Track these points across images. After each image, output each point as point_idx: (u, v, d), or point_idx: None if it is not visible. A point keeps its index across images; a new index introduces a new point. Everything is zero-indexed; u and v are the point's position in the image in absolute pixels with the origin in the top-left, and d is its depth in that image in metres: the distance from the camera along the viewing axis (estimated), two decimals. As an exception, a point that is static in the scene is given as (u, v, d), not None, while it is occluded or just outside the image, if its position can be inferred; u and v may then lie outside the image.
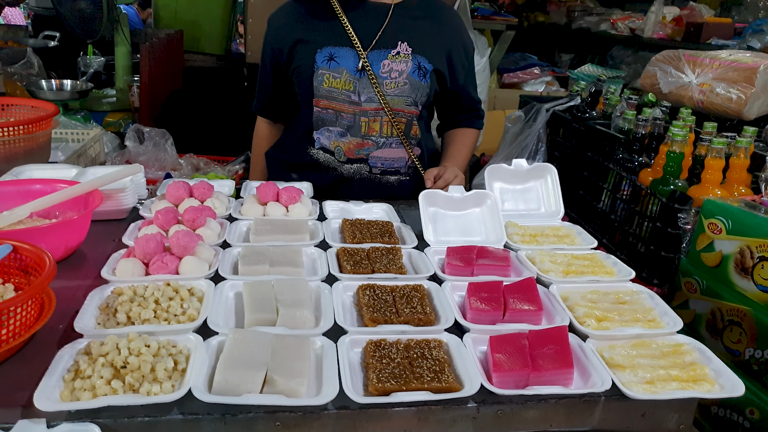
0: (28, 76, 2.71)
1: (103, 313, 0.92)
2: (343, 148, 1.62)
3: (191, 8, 3.67)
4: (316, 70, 1.57)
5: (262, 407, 0.77)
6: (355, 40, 1.56)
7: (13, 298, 0.82)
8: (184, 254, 1.03)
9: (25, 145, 1.61)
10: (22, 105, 1.77)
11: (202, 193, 1.31)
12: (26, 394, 0.78)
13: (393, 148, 1.63)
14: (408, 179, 1.68)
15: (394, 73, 1.57)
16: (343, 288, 1.02)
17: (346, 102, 1.58)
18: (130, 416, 0.75)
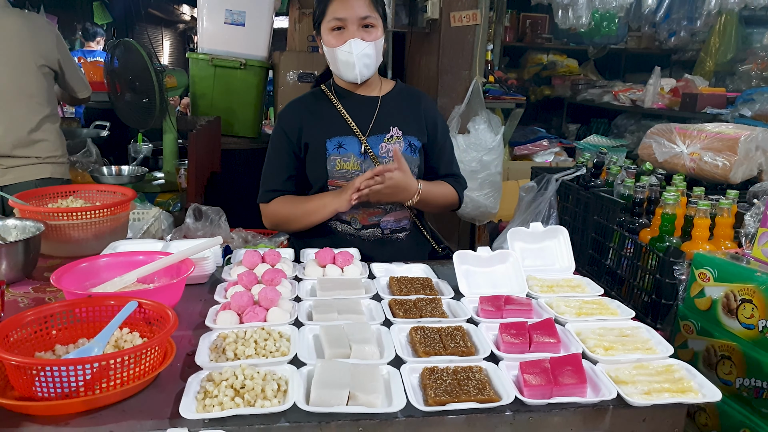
0: (88, 164, 3.11)
1: (214, 352, 1.20)
2: (358, 218, 1.95)
3: (226, 97, 4.14)
4: (328, 156, 1.92)
5: (349, 415, 1.03)
6: (355, 129, 1.93)
7: (152, 340, 1.10)
8: (270, 306, 1.32)
9: (111, 225, 1.94)
10: (105, 191, 2.12)
11: (273, 259, 1.61)
12: (168, 410, 1.05)
13: (397, 211, 1.98)
14: (410, 233, 2.04)
15: (391, 152, 1.92)
16: (398, 329, 1.29)
17: None
18: (249, 424, 1.01)
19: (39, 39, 2.60)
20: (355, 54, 1.79)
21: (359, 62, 1.80)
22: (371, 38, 1.81)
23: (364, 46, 1.79)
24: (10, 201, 1.89)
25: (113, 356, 1.05)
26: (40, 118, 2.63)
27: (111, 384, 1.05)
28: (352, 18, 1.78)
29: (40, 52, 2.61)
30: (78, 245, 1.87)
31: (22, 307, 1.50)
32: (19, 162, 2.61)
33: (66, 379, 1.01)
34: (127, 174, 2.99)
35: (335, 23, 1.80)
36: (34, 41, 2.59)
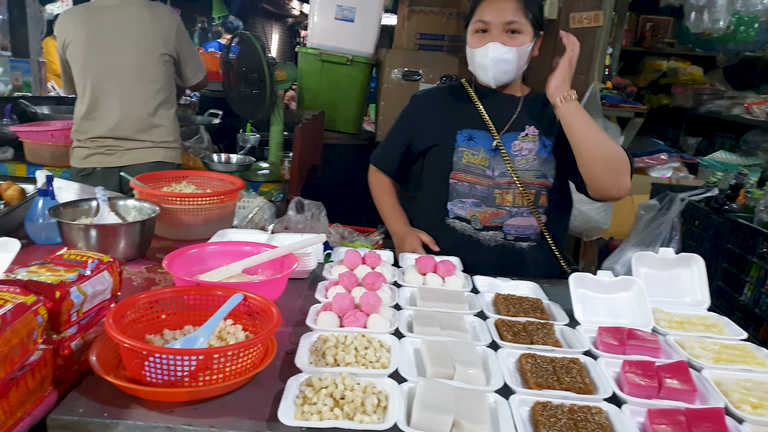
0: (199, 150, 3.25)
1: (314, 354, 1.17)
2: (479, 217, 1.87)
3: (331, 92, 4.19)
4: (456, 147, 1.89)
5: (452, 444, 0.96)
6: (490, 125, 1.88)
7: (256, 338, 1.09)
8: (371, 311, 1.28)
9: (220, 212, 2.00)
10: (214, 178, 2.19)
11: (373, 261, 1.57)
12: (266, 410, 1.03)
13: (524, 217, 1.86)
14: (536, 245, 1.89)
15: (524, 151, 1.85)
16: (506, 354, 1.20)
17: (481, 176, 1.87)
18: (348, 439, 0.97)
19: (162, 28, 2.74)
20: (490, 58, 1.75)
21: (494, 67, 1.77)
22: (514, 44, 1.75)
23: (503, 51, 1.74)
24: (131, 183, 1.98)
25: (219, 350, 1.05)
26: (157, 104, 2.77)
27: (214, 377, 1.04)
28: (496, 22, 1.74)
29: (162, 40, 2.74)
30: (187, 229, 1.93)
31: (135, 285, 1.56)
32: (136, 145, 2.76)
33: (173, 367, 1.02)
34: (235, 162, 3.09)
35: (480, 25, 1.77)
36: (157, 30, 2.73)
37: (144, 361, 1.03)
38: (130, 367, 1.08)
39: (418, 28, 4.17)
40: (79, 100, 2.78)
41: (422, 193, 2.04)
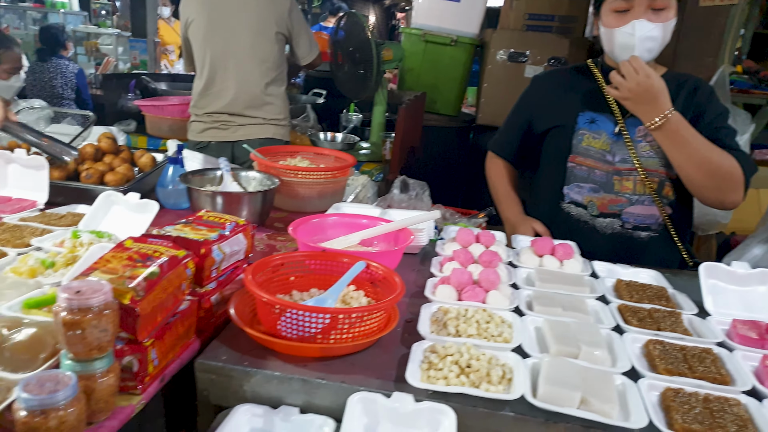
0: (306, 128, 3.38)
1: (434, 324, 1.21)
2: (596, 203, 1.83)
3: (432, 73, 4.20)
4: (576, 130, 1.86)
5: (580, 420, 0.96)
6: (614, 108, 1.81)
7: (385, 302, 1.15)
8: (490, 288, 1.30)
9: (333, 187, 2.09)
10: (326, 154, 2.28)
11: (488, 240, 1.59)
12: (392, 372, 1.09)
13: (645, 206, 1.80)
14: (657, 236, 1.82)
15: (649, 137, 1.76)
16: (632, 339, 1.18)
17: (600, 160, 1.81)
18: (473, 405, 1.00)
19: (276, 7, 2.86)
20: (638, 36, 1.66)
21: (641, 45, 1.68)
22: (660, 20, 1.67)
23: (650, 27, 1.66)
24: (252, 155, 2.11)
25: (352, 311, 1.11)
26: (269, 82, 2.90)
27: (344, 336, 1.11)
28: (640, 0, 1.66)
29: (275, 19, 2.87)
30: (302, 201, 2.04)
31: (258, 251, 1.68)
32: (248, 121, 2.92)
33: (308, 323, 1.09)
34: (340, 141, 3.20)
35: (620, 5, 1.69)
36: (272, 9, 2.85)
37: (281, 316, 1.12)
38: (265, 322, 1.17)
39: (528, 8, 4.07)
40: (197, 76, 2.97)
41: (538, 176, 2.02)
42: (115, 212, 1.67)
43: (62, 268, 1.34)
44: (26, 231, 1.54)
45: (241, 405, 1.05)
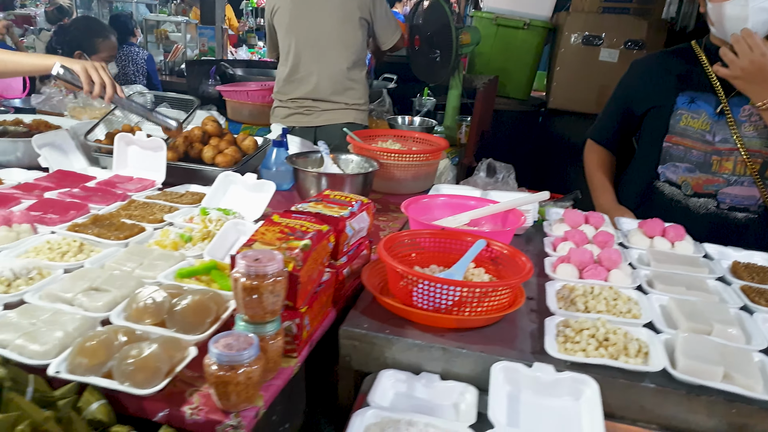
0: (381, 113, 3.44)
1: (561, 300, 1.26)
2: (690, 183, 1.83)
3: (503, 56, 4.19)
4: (675, 110, 1.86)
5: (724, 394, 1.00)
6: (718, 87, 1.80)
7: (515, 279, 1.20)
8: (612, 267, 1.33)
9: (426, 169, 2.14)
10: (417, 138, 2.33)
11: (597, 221, 1.62)
12: (527, 344, 1.14)
13: (745, 186, 1.79)
14: (757, 217, 1.81)
15: (754, 116, 1.75)
16: (762, 319, 1.20)
17: (699, 141, 1.81)
18: (613, 377, 1.05)
19: None
20: (751, 7, 1.63)
21: (755, 17, 1.64)
22: None
23: None
24: (348, 137, 2.19)
25: (488, 285, 1.17)
26: (351, 67, 2.97)
27: (479, 309, 1.17)
28: None
29: (359, 4, 2.92)
30: (397, 183, 2.10)
31: (366, 230, 1.75)
32: (331, 106, 3.00)
33: (444, 295, 1.16)
34: (417, 125, 3.25)
35: None
36: None
37: (414, 287, 1.18)
38: (398, 293, 1.24)
39: (603, -11, 4.01)
40: (282, 63, 3.06)
41: (638, 155, 2.03)
42: (233, 191, 1.77)
43: (199, 242, 1.45)
44: (155, 208, 1.66)
45: (386, 370, 1.12)
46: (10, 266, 1.20)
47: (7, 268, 1.19)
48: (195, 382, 1.01)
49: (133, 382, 0.94)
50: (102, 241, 1.41)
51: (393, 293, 1.26)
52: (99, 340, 0.99)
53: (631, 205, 1.96)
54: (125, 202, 1.70)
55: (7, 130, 2.11)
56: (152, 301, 1.11)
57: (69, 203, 1.61)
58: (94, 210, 1.62)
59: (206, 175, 2.01)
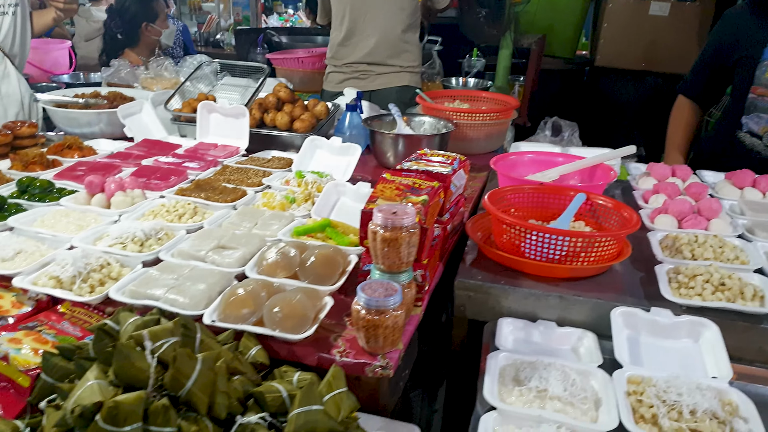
0: (432, 75, 3.44)
1: (666, 249, 1.30)
2: None
3: (548, 14, 4.13)
4: (761, 62, 1.85)
5: None
6: None
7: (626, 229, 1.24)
8: (712, 217, 1.37)
9: (498, 128, 2.17)
10: (486, 98, 2.35)
11: (684, 174, 1.64)
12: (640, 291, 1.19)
13: None
14: None
15: None
16: None
17: None
18: (732, 319, 1.09)
19: None
20: None
21: None
22: None
23: None
24: (418, 98, 2.22)
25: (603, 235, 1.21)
26: (405, 29, 2.97)
27: (589, 259, 1.22)
28: None
29: (412, -36, 2.90)
30: (470, 143, 2.13)
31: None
32: (386, 70, 3.01)
33: (554, 246, 1.20)
34: (472, 86, 3.26)
35: None
36: None
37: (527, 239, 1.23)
38: (504, 245, 1.29)
39: (654, -61, 3.90)
40: (335, 28, 3.07)
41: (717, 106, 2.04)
42: (319, 155, 1.83)
43: (303, 203, 1.51)
44: (249, 173, 1.72)
45: (504, 318, 1.18)
46: (141, 227, 1.28)
47: (138, 229, 1.27)
48: (334, 329, 1.08)
49: (283, 329, 1.02)
50: (211, 203, 1.49)
51: (499, 246, 1.31)
52: (246, 292, 1.06)
53: (710, 155, 1.97)
54: (218, 168, 1.77)
55: (88, 102, 2.18)
56: (282, 256, 1.18)
57: (168, 170, 1.68)
58: (192, 175, 1.69)
59: (283, 141, 2.07)
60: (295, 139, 2.05)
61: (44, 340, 1.03)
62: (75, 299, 1.11)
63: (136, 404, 0.69)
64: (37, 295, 1.15)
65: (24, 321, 1.08)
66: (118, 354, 0.76)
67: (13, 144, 1.83)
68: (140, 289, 1.11)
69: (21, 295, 1.16)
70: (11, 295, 1.16)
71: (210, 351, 0.82)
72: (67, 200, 1.48)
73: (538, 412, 0.92)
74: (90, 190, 1.48)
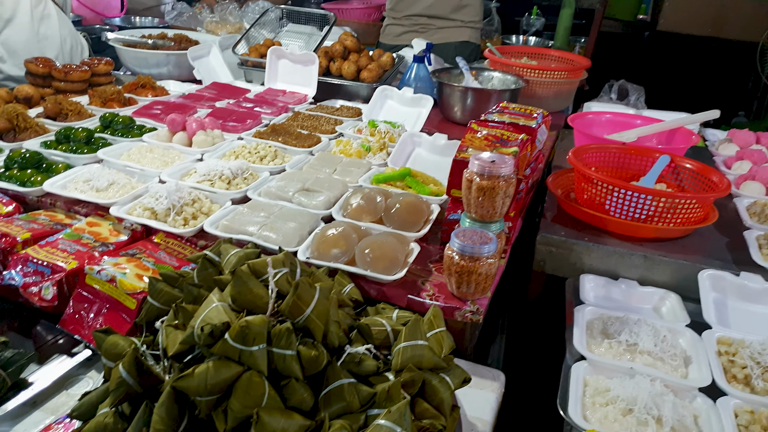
0: (490, 32, 3.37)
1: (754, 216, 1.28)
2: None
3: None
4: None
5: None
6: None
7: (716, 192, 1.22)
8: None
9: (567, 87, 2.13)
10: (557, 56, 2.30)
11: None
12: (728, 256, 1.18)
13: None
14: None
15: None
16: None
17: None
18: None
19: None
20: None
21: None
22: None
23: None
24: (487, 52, 2.18)
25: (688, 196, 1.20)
26: (469, -17, 2.90)
27: (676, 220, 1.21)
28: None
29: None
30: (538, 101, 2.10)
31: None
32: (447, 24, 2.95)
33: (641, 205, 1.20)
34: (533, 44, 3.19)
35: None
36: None
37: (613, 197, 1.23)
38: (586, 203, 1.29)
39: None
40: (396, -22, 3.02)
41: None
42: (389, 106, 1.83)
43: (378, 152, 1.52)
44: (321, 120, 1.73)
45: (586, 275, 1.19)
46: (227, 166, 1.31)
47: (225, 168, 1.30)
48: (421, 274, 1.10)
49: (375, 270, 1.04)
50: (288, 147, 1.51)
51: (581, 203, 1.31)
52: (338, 233, 1.09)
53: None
54: (290, 114, 1.78)
55: (156, 44, 2.20)
56: (367, 201, 1.20)
57: (243, 113, 1.70)
58: (265, 120, 1.71)
59: (349, 90, 2.07)
60: (361, 89, 2.05)
61: (145, 266, 1.07)
62: (170, 230, 1.15)
63: (262, 326, 0.73)
64: (132, 225, 1.19)
65: (123, 248, 1.13)
66: (237, 280, 0.79)
67: (90, 81, 1.87)
68: (233, 224, 1.14)
69: (117, 224, 1.21)
70: (108, 224, 1.20)
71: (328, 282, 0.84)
72: (150, 137, 1.51)
73: (630, 365, 0.94)
74: (172, 128, 1.51)
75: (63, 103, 1.60)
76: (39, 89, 1.78)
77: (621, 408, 0.86)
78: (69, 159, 1.40)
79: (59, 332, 1.06)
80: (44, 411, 0.91)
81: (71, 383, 0.97)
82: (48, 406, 0.91)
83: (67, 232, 1.15)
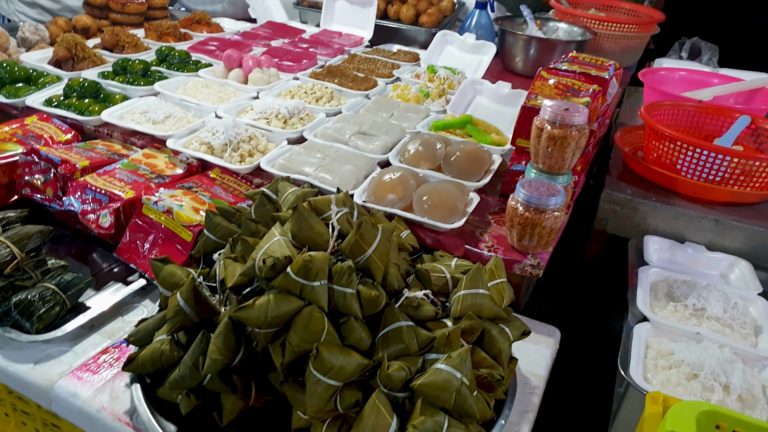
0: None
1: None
2: None
3: None
4: None
5: None
6: None
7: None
8: None
9: (638, 42, 2.02)
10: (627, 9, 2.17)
11: None
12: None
13: None
14: None
15: None
16: None
17: None
18: None
19: None
20: None
21: None
22: None
23: None
24: (552, 1, 2.08)
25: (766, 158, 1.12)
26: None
27: (753, 184, 1.14)
28: None
29: None
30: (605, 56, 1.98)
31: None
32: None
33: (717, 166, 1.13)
34: None
35: None
36: None
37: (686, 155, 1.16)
38: (657, 161, 1.22)
39: None
40: None
41: None
42: (449, 51, 1.76)
43: (437, 98, 1.47)
44: (378, 64, 1.68)
45: (651, 236, 1.14)
46: (284, 105, 1.28)
47: (282, 107, 1.28)
48: (479, 225, 1.07)
49: (432, 217, 1.02)
50: (344, 90, 1.47)
51: (650, 161, 1.25)
52: (395, 178, 1.06)
53: None
54: (346, 56, 1.74)
55: (211, -21, 2.17)
56: (426, 147, 1.16)
57: (298, 53, 1.67)
58: (321, 61, 1.67)
59: (407, 35, 2.00)
60: (419, 34, 1.98)
61: (201, 200, 1.07)
62: (227, 166, 1.14)
63: (325, 262, 0.72)
64: (188, 159, 1.19)
65: (179, 181, 1.13)
66: (299, 216, 0.78)
67: (146, 14, 1.86)
68: (289, 164, 1.12)
69: (173, 156, 1.21)
70: (164, 156, 1.21)
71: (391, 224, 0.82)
72: (206, 72, 1.50)
73: (696, 329, 0.90)
74: (228, 65, 1.49)
75: (120, 35, 1.60)
76: (96, 20, 1.78)
77: (686, 372, 0.83)
78: (126, 90, 1.40)
79: (115, 260, 1.08)
80: (101, 335, 0.93)
81: (126, 310, 0.98)
82: (105, 330, 0.94)
83: (124, 162, 1.16)
